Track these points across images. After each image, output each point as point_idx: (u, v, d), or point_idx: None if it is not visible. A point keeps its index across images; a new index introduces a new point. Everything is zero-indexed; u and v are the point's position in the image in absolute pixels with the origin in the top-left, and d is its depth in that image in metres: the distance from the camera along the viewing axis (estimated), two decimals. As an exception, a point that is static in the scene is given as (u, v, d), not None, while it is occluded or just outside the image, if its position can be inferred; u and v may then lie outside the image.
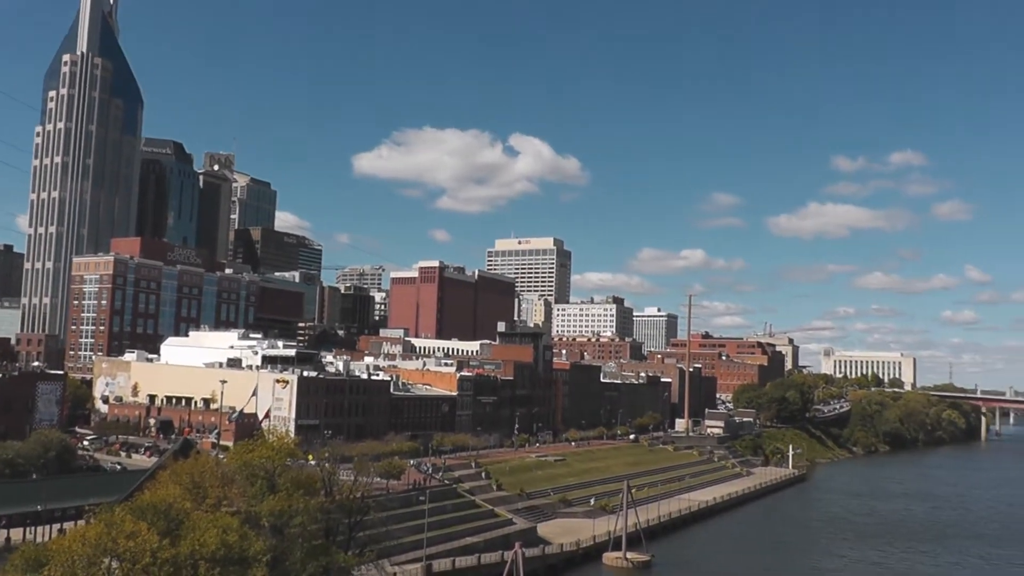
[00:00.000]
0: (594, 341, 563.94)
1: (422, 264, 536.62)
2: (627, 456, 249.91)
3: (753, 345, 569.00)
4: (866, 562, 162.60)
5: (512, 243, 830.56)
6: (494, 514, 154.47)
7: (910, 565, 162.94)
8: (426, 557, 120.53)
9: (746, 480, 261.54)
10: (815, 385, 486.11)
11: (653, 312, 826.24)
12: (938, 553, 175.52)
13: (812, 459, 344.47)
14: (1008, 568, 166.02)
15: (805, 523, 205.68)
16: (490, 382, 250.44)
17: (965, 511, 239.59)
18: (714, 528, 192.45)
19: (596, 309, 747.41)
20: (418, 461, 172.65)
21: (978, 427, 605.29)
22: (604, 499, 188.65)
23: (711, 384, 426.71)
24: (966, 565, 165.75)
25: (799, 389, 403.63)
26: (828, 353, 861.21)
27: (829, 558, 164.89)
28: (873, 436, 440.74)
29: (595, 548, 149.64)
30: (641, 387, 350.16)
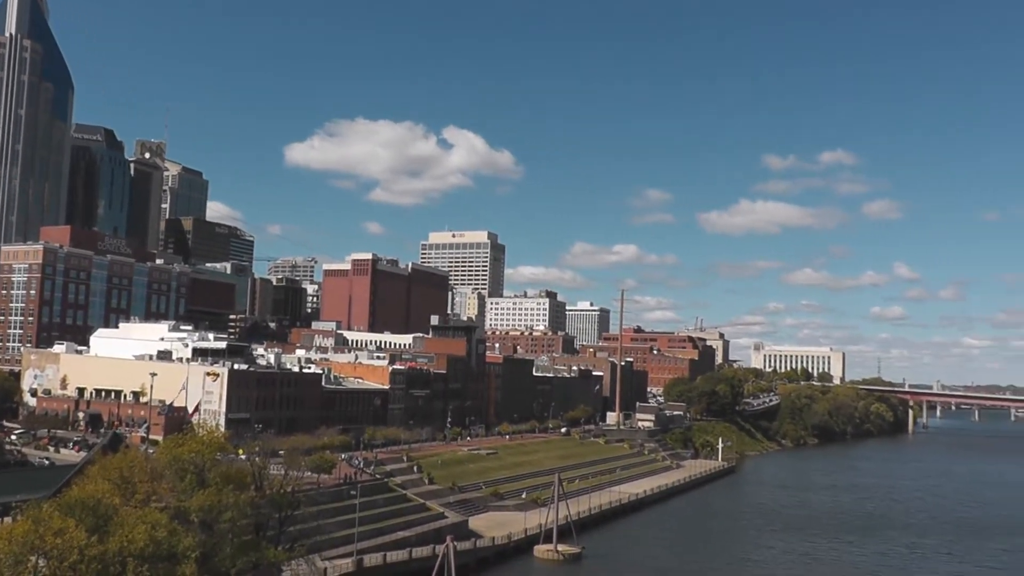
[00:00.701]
0: (527, 335, 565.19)
1: (355, 256, 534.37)
2: (559, 449, 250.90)
3: (684, 339, 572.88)
4: (794, 553, 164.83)
5: (446, 236, 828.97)
6: (426, 508, 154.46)
7: (837, 555, 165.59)
8: (357, 552, 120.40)
9: (676, 472, 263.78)
10: (745, 379, 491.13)
11: (586, 306, 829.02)
12: (865, 543, 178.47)
13: (741, 452, 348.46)
14: (934, 557, 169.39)
15: (734, 515, 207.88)
16: (423, 375, 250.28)
17: (892, 502, 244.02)
18: (644, 520, 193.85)
19: (529, 303, 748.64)
20: (349, 455, 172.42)
21: (906, 420, 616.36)
22: (536, 492, 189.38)
23: (642, 378, 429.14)
24: (892, 555, 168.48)
25: (729, 383, 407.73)
26: (758, 347, 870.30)
27: (758, 549, 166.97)
28: (802, 429, 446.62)
29: (526, 541, 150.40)
30: (573, 381, 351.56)
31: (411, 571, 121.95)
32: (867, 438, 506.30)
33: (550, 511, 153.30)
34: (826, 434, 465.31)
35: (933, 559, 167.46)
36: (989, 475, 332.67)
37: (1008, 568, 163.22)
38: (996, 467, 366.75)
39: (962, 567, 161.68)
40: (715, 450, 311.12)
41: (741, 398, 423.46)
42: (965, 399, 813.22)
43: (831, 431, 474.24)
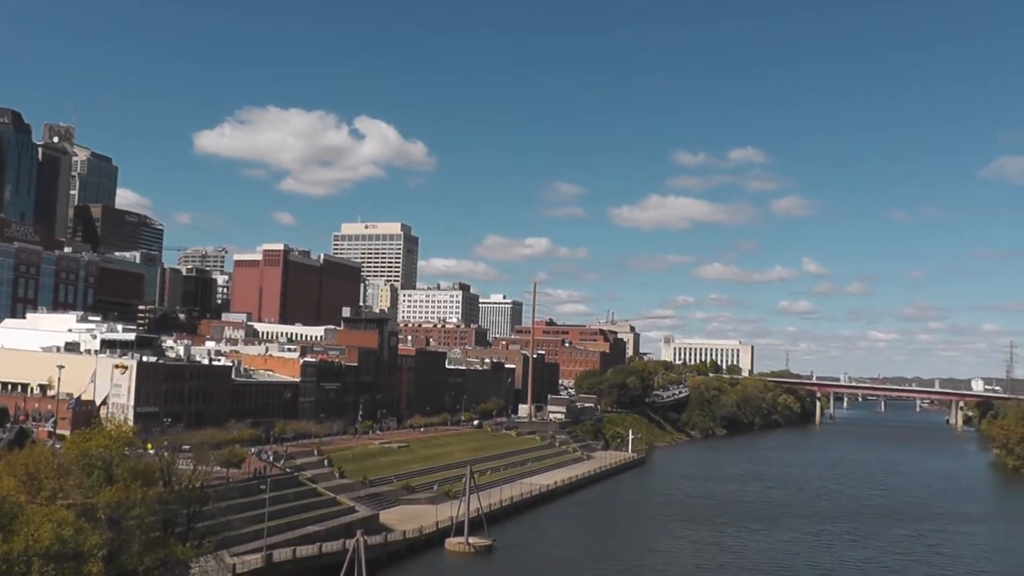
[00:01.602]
0: (440, 327, 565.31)
1: (266, 247, 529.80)
2: (471, 442, 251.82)
3: (596, 332, 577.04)
4: (702, 542, 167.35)
5: (359, 227, 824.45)
6: (336, 502, 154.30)
7: (744, 543, 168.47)
8: (266, 547, 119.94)
9: (587, 464, 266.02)
10: (655, 371, 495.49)
11: (498, 299, 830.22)
12: (771, 531, 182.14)
13: (651, 443, 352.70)
14: (839, 544, 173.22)
15: (643, 505, 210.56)
16: (334, 368, 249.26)
17: (798, 491, 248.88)
18: (555, 511, 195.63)
19: (442, 295, 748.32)
20: (259, 449, 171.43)
21: (813, 411, 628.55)
22: (447, 485, 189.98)
23: (554, 370, 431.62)
24: (798, 542, 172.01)
25: (639, 375, 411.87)
26: (668, 340, 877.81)
27: (666, 539, 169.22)
28: (711, 420, 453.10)
29: (438, 534, 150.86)
30: (485, 373, 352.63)
31: (321, 566, 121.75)
32: (775, 429, 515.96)
33: (461, 504, 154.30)
34: (735, 425, 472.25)
35: (838, 545, 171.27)
36: (894, 464, 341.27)
37: (911, 553, 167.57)
38: (900, 456, 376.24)
39: (866, 552, 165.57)
40: (625, 441, 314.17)
41: (651, 390, 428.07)
42: (872, 391, 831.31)
43: (739, 422, 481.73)
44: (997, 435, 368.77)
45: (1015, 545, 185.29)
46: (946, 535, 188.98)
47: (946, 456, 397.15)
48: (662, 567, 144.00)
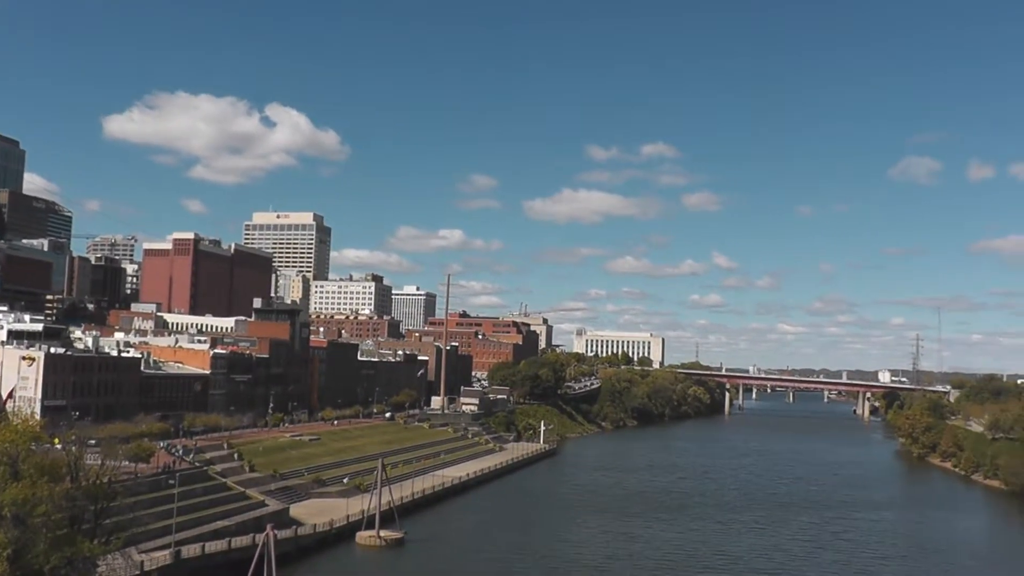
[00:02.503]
0: (352, 319, 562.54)
1: (176, 236, 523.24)
2: (383, 434, 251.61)
3: (509, 324, 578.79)
4: (612, 532, 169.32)
5: (271, 217, 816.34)
6: (246, 496, 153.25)
7: (653, 533, 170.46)
8: (175, 543, 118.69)
9: (499, 455, 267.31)
10: (567, 363, 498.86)
11: (412, 290, 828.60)
12: (681, 520, 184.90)
13: (563, 434, 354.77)
14: (747, 532, 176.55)
15: (555, 496, 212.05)
16: (245, 360, 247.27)
17: (707, 480, 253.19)
18: (467, 503, 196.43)
19: (355, 286, 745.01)
20: (169, 443, 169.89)
21: (722, 402, 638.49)
22: (359, 478, 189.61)
23: (467, 362, 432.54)
24: (706, 531, 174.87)
25: (552, 367, 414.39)
26: (581, 333, 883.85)
27: (577, 529, 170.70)
28: (622, 411, 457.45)
29: (348, 527, 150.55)
30: (398, 365, 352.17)
31: (230, 561, 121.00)
32: (685, 420, 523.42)
33: (373, 497, 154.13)
34: (645, 416, 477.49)
35: (746, 534, 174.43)
36: (801, 453, 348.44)
37: (817, 540, 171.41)
38: (808, 445, 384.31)
39: (774, 540, 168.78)
40: (537, 433, 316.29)
41: (563, 382, 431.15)
42: (780, 382, 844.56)
43: (650, 413, 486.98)
44: (903, 424, 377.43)
45: (919, 531, 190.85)
46: (852, 522, 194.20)
47: (853, 445, 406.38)
48: (573, 557, 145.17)
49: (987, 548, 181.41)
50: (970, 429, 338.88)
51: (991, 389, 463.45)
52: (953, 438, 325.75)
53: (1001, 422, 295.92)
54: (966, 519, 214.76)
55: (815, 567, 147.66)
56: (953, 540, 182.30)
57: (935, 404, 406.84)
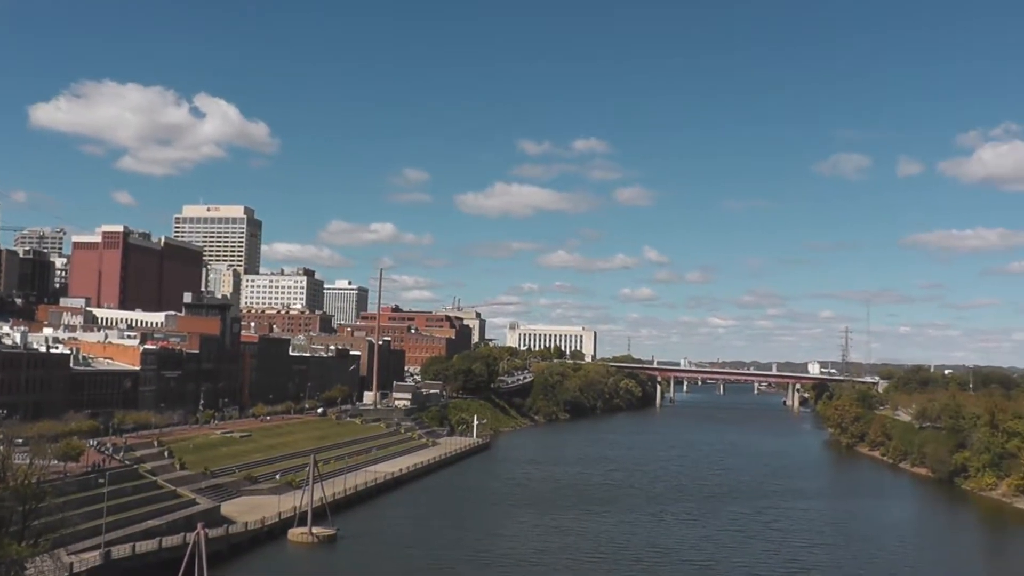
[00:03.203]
0: (284, 313, 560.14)
1: (105, 228, 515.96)
2: (315, 430, 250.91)
3: (442, 319, 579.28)
4: (545, 526, 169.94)
5: (201, 210, 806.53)
6: (177, 495, 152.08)
7: (586, 525, 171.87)
8: (105, 544, 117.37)
9: (432, 450, 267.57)
10: (500, 357, 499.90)
11: (344, 285, 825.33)
12: (613, 513, 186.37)
13: (496, 428, 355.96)
14: (678, 523, 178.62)
15: (487, 490, 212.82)
16: (175, 356, 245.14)
17: (639, 473, 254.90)
18: (399, 499, 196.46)
19: (286, 281, 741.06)
20: (98, 441, 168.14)
21: (654, 395, 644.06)
22: (291, 474, 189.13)
23: (400, 357, 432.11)
24: (638, 523, 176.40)
25: (485, 361, 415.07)
26: (514, 327, 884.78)
27: (509, 523, 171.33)
28: (554, 405, 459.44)
29: (280, 525, 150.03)
30: (330, 360, 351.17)
31: (161, 561, 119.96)
32: (617, 413, 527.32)
33: (305, 493, 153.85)
34: (578, 409, 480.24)
35: (677, 525, 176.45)
36: (732, 444, 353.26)
37: (747, 530, 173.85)
38: (739, 436, 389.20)
39: (705, 531, 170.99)
40: (470, 427, 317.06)
41: (496, 376, 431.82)
42: (711, 374, 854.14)
43: (582, 406, 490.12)
44: (832, 415, 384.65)
45: (848, 519, 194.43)
46: (782, 511, 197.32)
47: (783, 436, 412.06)
48: (505, 551, 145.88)
49: (914, 534, 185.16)
50: (898, 419, 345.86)
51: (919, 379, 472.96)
52: (881, 428, 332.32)
53: (928, 411, 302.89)
54: (894, 507, 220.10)
55: (746, 557, 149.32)
56: (881, 527, 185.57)
57: (864, 395, 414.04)
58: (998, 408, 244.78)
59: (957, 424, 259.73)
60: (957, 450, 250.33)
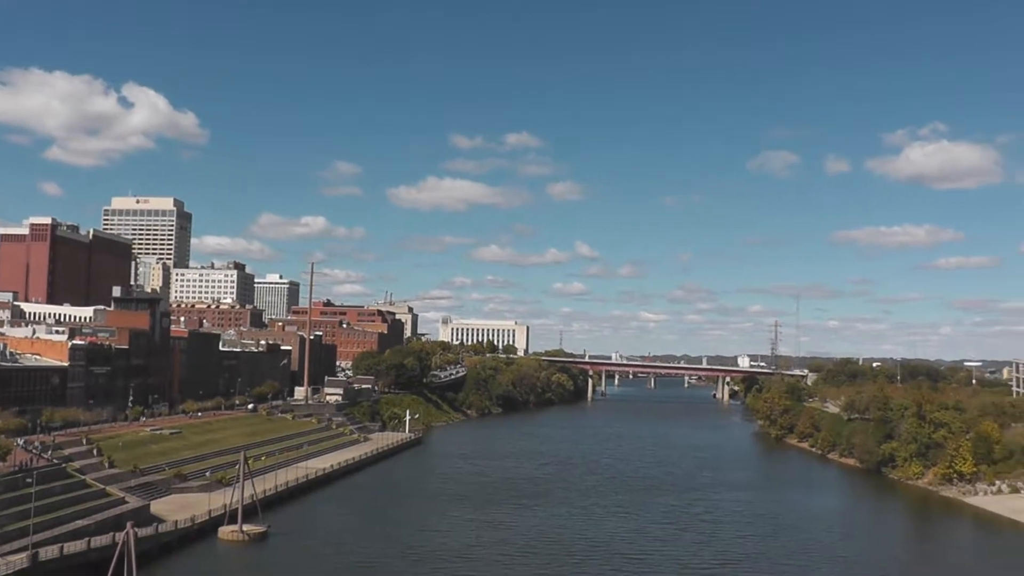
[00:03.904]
0: (214, 308, 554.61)
1: (33, 220, 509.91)
2: (246, 426, 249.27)
3: (374, 313, 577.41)
4: (477, 520, 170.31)
5: (130, 202, 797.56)
6: (106, 493, 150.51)
7: (517, 520, 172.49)
8: (32, 545, 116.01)
9: (364, 446, 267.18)
10: (433, 352, 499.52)
11: (275, 279, 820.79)
12: (545, 507, 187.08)
13: (428, 423, 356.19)
14: (609, 516, 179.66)
15: (419, 486, 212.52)
16: (104, 351, 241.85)
17: (570, 466, 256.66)
18: (331, 495, 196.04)
19: (217, 275, 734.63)
20: (25, 439, 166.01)
21: (585, 389, 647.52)
22: (221, 472, 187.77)
23: (331, 352, 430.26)
24: (570, 516, 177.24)
25: (417, 356, 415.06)
26: (446, 321, 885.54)
27: (442, 518, 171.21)
28: (487, 399, 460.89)
29: (211, 523, 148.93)
30: (261, 355, 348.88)
31: (90, 562, 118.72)
32: (549, 406, 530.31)
33: (235, 491, 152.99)
34: (510, 403, 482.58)
35: (609, 518, 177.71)
36: (663, 437, 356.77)
37: (678, 522, 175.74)
38: (669, 429, 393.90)
39: (636, 523, 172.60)
40: (403, 422, 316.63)
41: (429, 370, 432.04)
42: (642, 368, 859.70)
43: (515, 401, 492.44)
44: (761, 407, 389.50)
45: (777, 509, 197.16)
46: (712, 503, 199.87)
47: (713, 429, 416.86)
48: (438, 547, 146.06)
49: (842, 523, 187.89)
50: (827, 410, 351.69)
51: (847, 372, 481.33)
52: (810, 419, 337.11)
53: (856, 403, 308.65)
54: (822, 496, 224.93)
55: (677, 548, 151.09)
56: (810, 517, 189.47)
57: (793, 387, 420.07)
58: (925, 399, 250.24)
59: (885, 415, 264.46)
60: (885, 441, 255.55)
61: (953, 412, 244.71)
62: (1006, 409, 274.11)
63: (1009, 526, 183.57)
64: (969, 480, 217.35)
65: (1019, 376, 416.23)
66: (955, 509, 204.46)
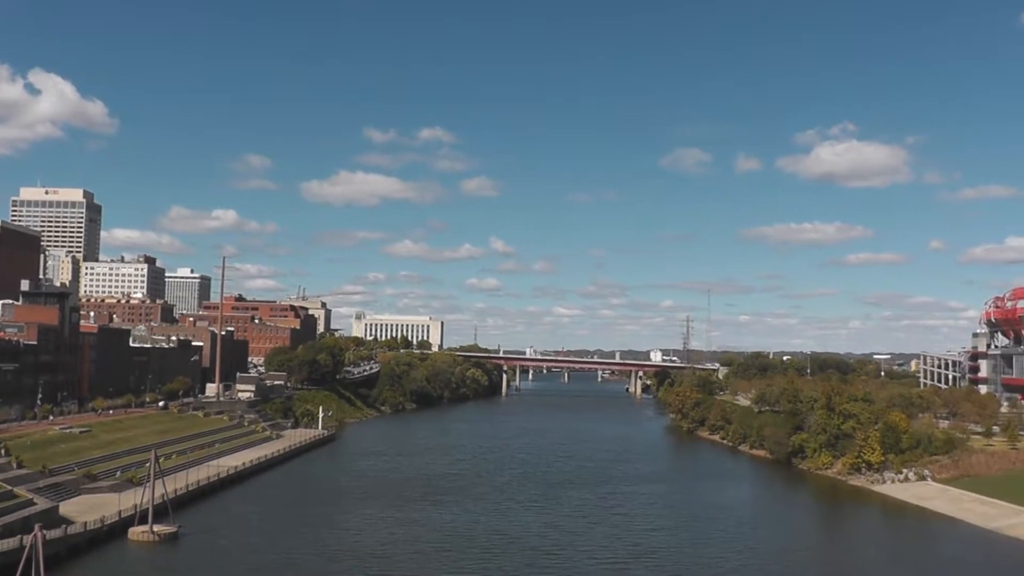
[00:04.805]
0: (124, 303, 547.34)
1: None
2: (157, 424, 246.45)
3: (286, 308, 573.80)
4: (390, 518, 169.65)
5: (39, 192, 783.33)
6: (13, 495, 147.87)
7: (431, 516, 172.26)
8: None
9: (276, 443, 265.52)
10: (347, 347, 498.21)
11: (186, 273, 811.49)
12: (459, 503, 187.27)
13: (342, 419, 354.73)
14: (522, 511, 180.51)
15: (332, 483, 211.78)
16: (12, 347, 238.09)
17: (484, 462, 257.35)
18: (243, 493, 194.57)
19: (127, 268, 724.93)
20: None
21: (500, 384, 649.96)
22: (132, 471, 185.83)
23: (243, 347, 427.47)
24: (484, 512, 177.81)
25: (330, 351, 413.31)
26: (360, 317, 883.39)
27: (354, 516, 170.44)
28: (401, 395, 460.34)
29: (121, 524, 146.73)
30: (172, 351, 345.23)
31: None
32: (464, 402, 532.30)
33: (146, 490, 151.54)
34: (425, 399, 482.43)
35: (522, 513, 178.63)
36: (576, 431, 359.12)
37: (591, 516, 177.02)
38: (582, 423, 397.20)
39: (549, 518, 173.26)
40: (315, 419, 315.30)
41: (342, 366, 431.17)
42: (556, 363, 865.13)
43: (429, 396, 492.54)
44: (673, 401, 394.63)
45: (689, 501, 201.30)
46: (625, 496, 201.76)
47: (626, 422, 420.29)
48: (351, 545, 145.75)
49: (752, 513, 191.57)
50: (738, 403, 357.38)
51: (758, 365, 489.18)
52: (721, 412, 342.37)
53: (767, 396, 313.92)
54: (733, 487, 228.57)
55: (590, 542, 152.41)
56: (720, 507, 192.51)
57: (704, 381, 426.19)
58: (834, 392, 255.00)
59: (795, 407, 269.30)
60: (794, 432, 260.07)
61: (862, 404, 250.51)
62: (913, 400, 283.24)
63: (915, 512, 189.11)
64: (877, 469, 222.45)
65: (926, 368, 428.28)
66: (863, 497, 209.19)
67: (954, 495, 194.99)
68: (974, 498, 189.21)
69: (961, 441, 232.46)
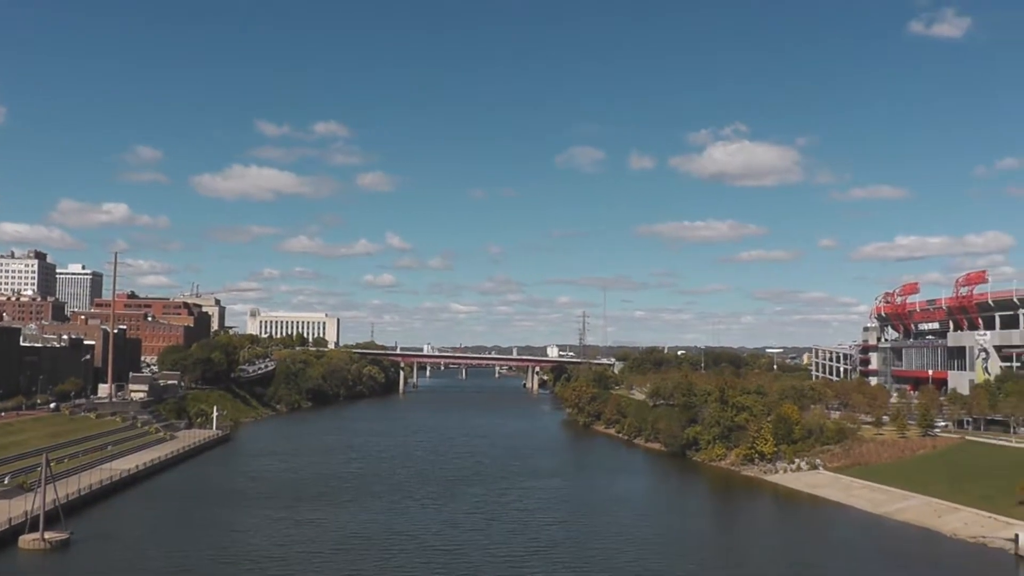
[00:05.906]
0: (14, 300, 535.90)
1: None
2: (48, 427, 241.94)
3: (180, 306, 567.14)
4: (285, 519, 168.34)
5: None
6: None
7: (327, 517, 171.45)
8: None
9: (170, 444, 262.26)
10: (241, 345, 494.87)
11: (77, 269, 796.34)
12: (355, 502, 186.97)
13: (237, 419, 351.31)
14: (420, 510, 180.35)
15: (226, 485, 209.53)
16: None
17: (381, 460, 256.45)
18: (137, 497, 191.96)
19: (16, 264, 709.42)
20: None
21: (397, 381, 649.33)
22: (22, 476, 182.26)
23: (136, 346, 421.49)
24: (381, 511, 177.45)
25: (224, 350, 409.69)
26: (254, 314, 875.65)
27: (249, 518, 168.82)
28: (297, 393, 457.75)
29: (11, 531, 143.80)
30: (64, 351, 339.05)
31: None
32: (360, 399, 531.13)
33: (37, 496, 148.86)
34: (321, 397, 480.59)
35: (419, 512, 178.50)
36: (473, 427, 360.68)
37: (488, 512, 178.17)
38: (479, 420, 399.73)
39: (446, 515, 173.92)
40: (210, 419, 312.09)
41: (237, 365, 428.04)
42: (453, 359, 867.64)
43: (326, 394, 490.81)
44: (569, 396, 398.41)
45: (585, 494, 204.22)
46: (522, 491, 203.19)
47: (523, 418, 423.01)
48: (246, 548, 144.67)
49: (646, 504, 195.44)
50: (633, 397, 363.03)
51: (652, 360, 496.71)
52: (617, 406, 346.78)
53: (661, 390, 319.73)
54: (628, 480, 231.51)
55: (488, 538, 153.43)
56: (616, 499, 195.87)
57: (600, 375, 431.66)
58: (728, 385, 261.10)
59: (689, 401, 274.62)
60: (689, 425, 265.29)
61: (755, 396, 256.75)
62: (805, 392, 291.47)
63: (807, 499, 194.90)
64: (770, 459, 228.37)
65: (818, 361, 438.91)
66: (756, 486, 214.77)
67: (845, 483, 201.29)
68: (864, 485, 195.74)
69: (852, 431, 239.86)
